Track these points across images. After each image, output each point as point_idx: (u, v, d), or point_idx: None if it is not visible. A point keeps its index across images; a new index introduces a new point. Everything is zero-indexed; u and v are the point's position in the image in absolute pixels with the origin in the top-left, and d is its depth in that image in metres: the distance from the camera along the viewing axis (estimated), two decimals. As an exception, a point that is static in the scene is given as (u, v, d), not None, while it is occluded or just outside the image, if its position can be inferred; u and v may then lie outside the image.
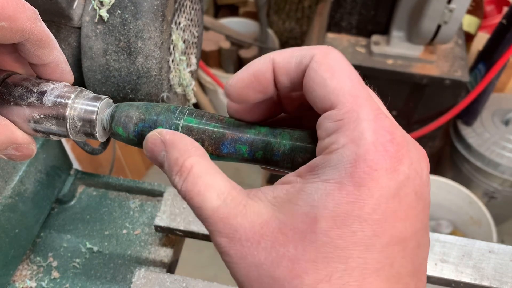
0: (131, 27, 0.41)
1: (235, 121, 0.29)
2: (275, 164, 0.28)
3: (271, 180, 1.90)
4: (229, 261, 0.24)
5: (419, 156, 0.24)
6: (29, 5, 0.27)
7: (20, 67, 0.32)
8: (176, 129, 0.29)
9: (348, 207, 0.21)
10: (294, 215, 0.22)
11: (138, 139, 0.31)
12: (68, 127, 0.30)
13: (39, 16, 0.28)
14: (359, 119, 0.22)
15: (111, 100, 0.32)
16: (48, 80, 0.31)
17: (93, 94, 0.32)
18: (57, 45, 0.30)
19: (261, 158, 0.28)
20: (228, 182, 0.25)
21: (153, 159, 0.28)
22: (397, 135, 0.23)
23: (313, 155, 0.25)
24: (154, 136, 0.28)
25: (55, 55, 0.30)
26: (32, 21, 0.27)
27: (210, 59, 1.93)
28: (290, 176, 0.25)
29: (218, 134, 0.29)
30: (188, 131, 0.29)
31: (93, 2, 0.41)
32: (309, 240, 0.22)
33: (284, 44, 2.03)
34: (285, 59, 0.26)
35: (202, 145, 0.29)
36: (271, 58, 0.26)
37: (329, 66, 0.24)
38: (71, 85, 0.32)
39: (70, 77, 0.32)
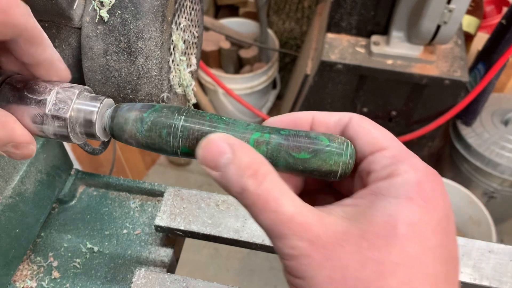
0: (131, 27, 0.42)
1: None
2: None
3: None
4: (310, 263, 0.25)
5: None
6: (21, 1, 0.26)
7: (17, 69, 0.32)
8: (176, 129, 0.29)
9: (421, 217, 0.25)
10: (374, 223, 0.25)
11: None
12: (68, 128, 0.30)
13: (32, 13, 0.28)
14: (411, 155, 0.28)
15: (112, 101, 0.33)
16: (48, 81, 0.31)
17: (94, 95, 0.32)
18: (50, 43, 0.30)
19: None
20: (297, 196, 0.27)
21: (210, 159, 0.27)
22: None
23: None
24: (219, 137, 0.27)
25: (48, 53, 0.30)
26: (25, 17, 0.27)
27: (210, 59, 1.93)
28: (347, 199, 0.28)
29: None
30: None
31: (93, 2, 0.42)
32: (392, 244, 0.24)
33: (284, 45, 2.03)
34: (325, 115, 0.31)
35: None
36: (311, 112, 0.31)
37: (368, 121, 0.30)
38: (72, 83, 0.32)
39: (67, 74, 0.32)
